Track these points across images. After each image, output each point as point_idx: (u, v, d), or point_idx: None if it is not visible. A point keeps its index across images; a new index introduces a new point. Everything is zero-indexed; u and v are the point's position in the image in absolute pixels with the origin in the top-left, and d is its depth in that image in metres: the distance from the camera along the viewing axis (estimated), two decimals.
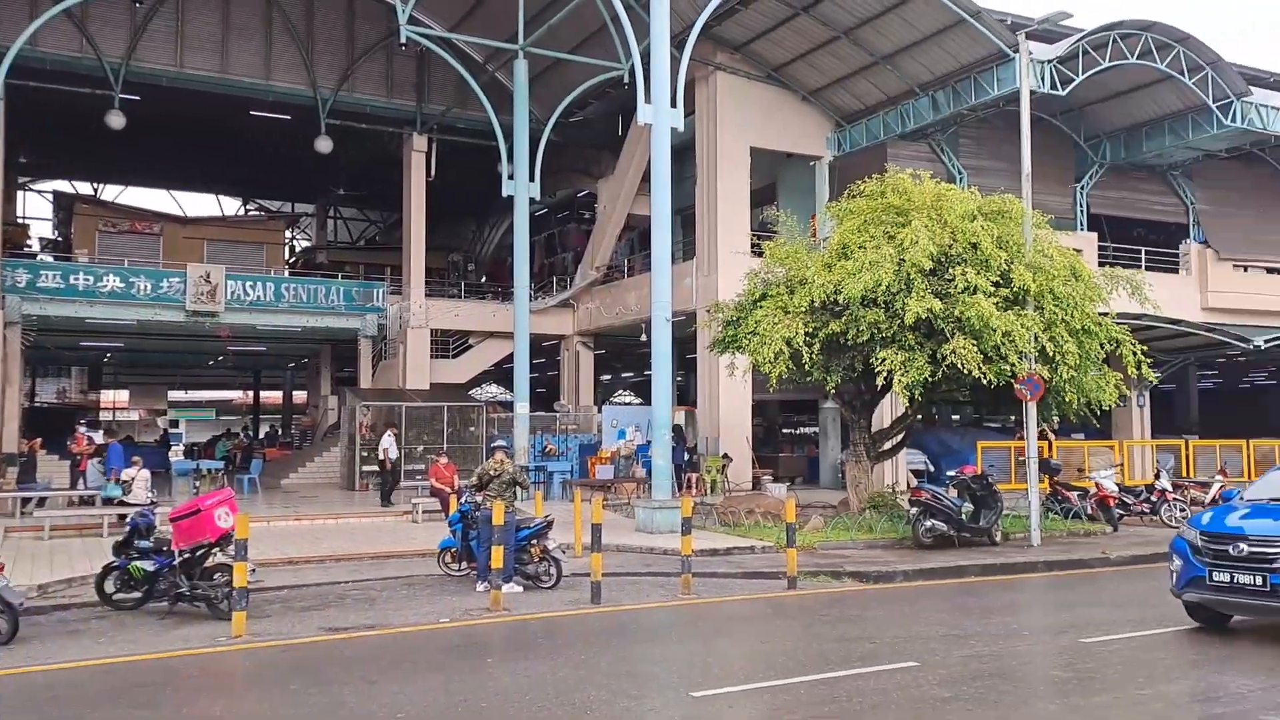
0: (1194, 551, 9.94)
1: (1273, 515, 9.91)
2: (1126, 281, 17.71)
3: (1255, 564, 9.39)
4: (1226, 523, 10.10)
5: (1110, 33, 22.88)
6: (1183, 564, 10.05)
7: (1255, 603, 9.48)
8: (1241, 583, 9.45)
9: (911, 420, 19.39)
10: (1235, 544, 9.56)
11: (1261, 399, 40.79)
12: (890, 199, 17.13)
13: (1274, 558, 9.30)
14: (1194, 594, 9.95)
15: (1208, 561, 9.75)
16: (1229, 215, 30.30)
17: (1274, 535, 9.47)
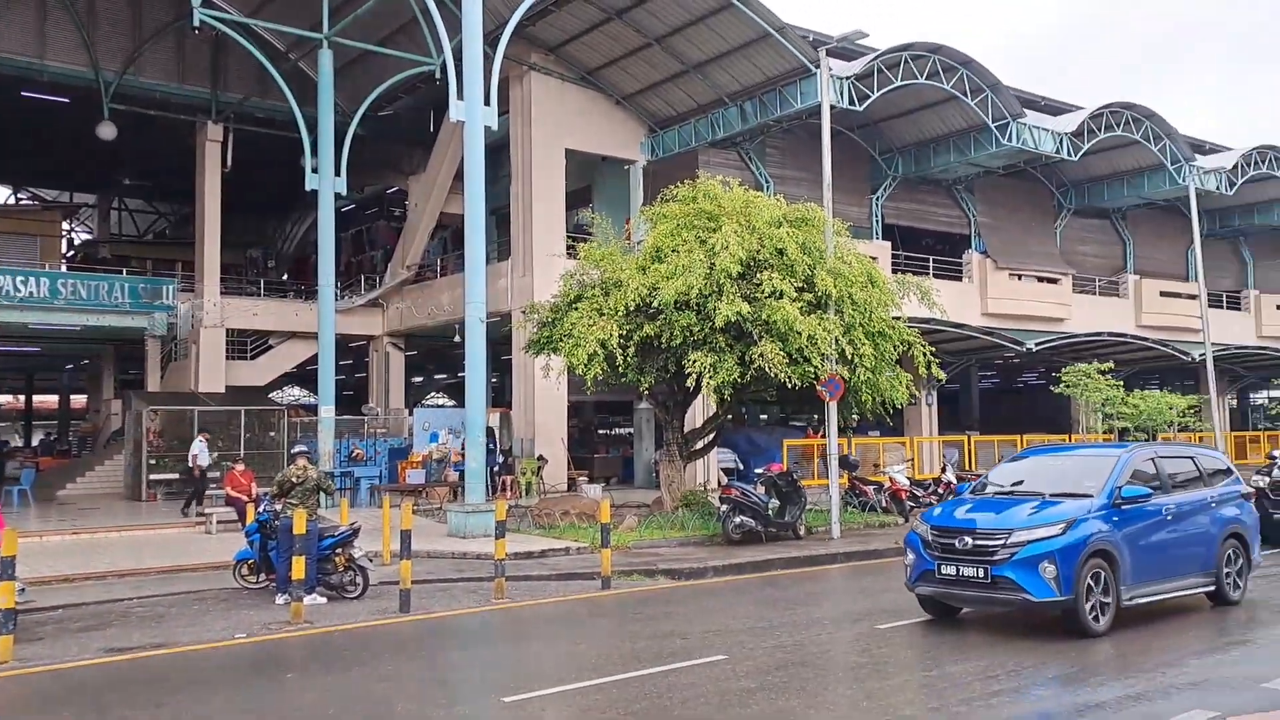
0: (924, 545, 10.10)
1: (995, 508, 10.15)
2: (917, 288, 18.78)
3: (978, 557, 9.60)
4: (955, 516, 10.29)
5: (902, 53, 24.32)
6: (915, 558, 10.19)
7: (978, 595, 9.72)
8: (966, 575, 9.64)
9: (722, 420, 19.93)
10: (961, 537, 9.74)
11: (1033, 396, 44.32)
12: (702, 204, 17.51)
13: (994, 550, 9.49)
14: (925, 587, 10.14)
15: (936, 555, 9.90)
16: (1006, 228, 32.83)
17: (996, 528, 9.66)
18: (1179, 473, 11.10)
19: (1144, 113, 30.16)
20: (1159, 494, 10.45)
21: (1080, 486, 10.19)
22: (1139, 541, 9.98)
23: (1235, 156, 33.58)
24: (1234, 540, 11.13)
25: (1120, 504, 9.91)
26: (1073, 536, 9.42)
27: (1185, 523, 10.63)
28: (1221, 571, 10.88)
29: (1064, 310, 32.69)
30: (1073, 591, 9.24)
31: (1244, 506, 11.56)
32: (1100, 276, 35.66)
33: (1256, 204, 36.74)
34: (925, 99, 26.53)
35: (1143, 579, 9.98)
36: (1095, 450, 12.54)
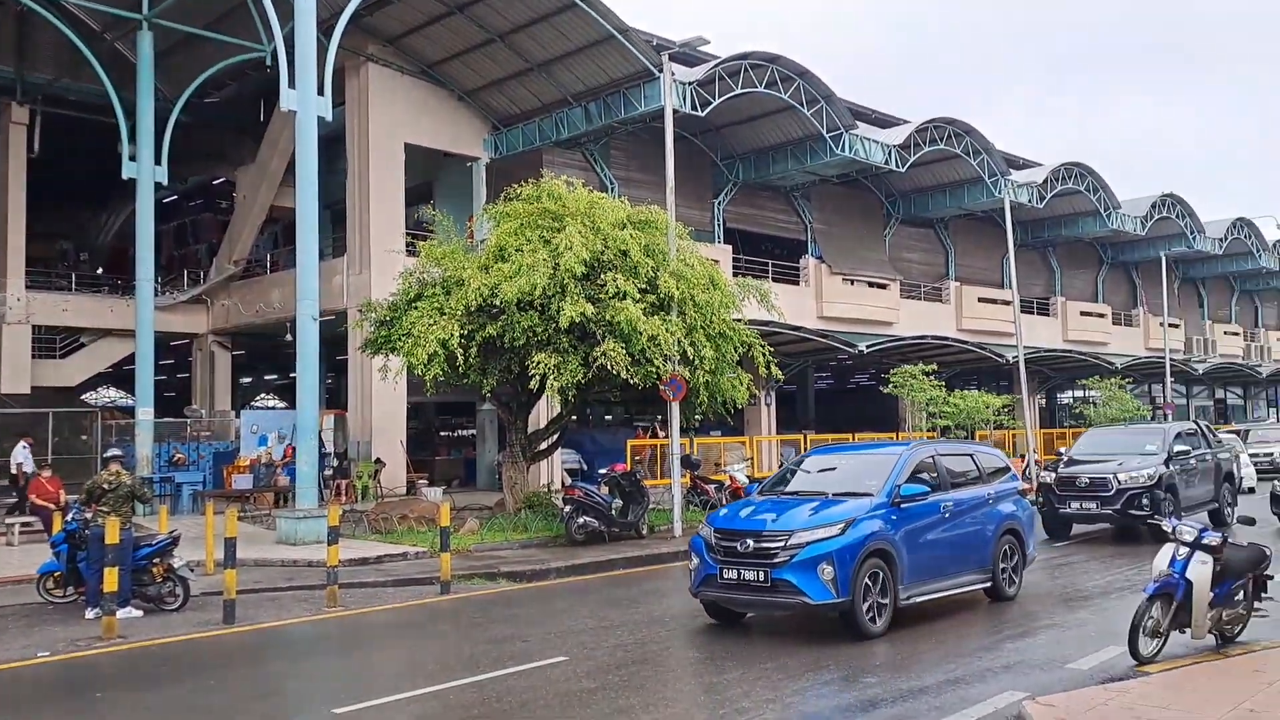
0: (708, 549, 9.81)
1: (778, 509, 9.91)
2: (756, 291, 19.24)
3: (759, 560, 9.35)
4: (739, 518, 10.05)
5: (743, 61, 24.90)
6: (699, 562, 9.89)
7: (759, 599, 9.52)
8: (747, 579, 9.39)
9: (566, 421, 19.85)
10: (743, 540, 9.49)
11: (865, 396, 46.18)
12: (546, 204, 17.37)
13: (775, 553, 9.28)
14: (709, 592, 9.85)
15: (719, 559, 9.63)
16: (840, 234, 34.12)
17: (777, 530, 9.45)
18: (959, 470, 11.20)
19: (964, 128, 31.94)
20: (938, 492, 10.50)
21: (862, 485, 10.16)
22: (917, 540, 10.00)
23: (1045, 172, 36.03)
24: (1010, 536, 11.27)
25: (899, 502, 9.87)
26: (851, 536, 9.32)
27: (963, 520, 10.72)
28: (998, 567, 11.01)
29: (893, 314, 34.23)
30: (850, 593, 9.14)
31: (1020, 503, 11.75)
32: (925, 282, 37.53)
33: (1063, 216, 39.49)
34: (764, 107, 27.24)
35: (921, 578, 10.01)
36: (879, 449, 12.44)
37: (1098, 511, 16.61)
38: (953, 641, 9.56)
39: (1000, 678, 8.07)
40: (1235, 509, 17.70)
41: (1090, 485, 16.67)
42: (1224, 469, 18.59)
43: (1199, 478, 17.58)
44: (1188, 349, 48.54)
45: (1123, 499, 16.20)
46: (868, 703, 7.48)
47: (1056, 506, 16.93)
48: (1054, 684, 7.70)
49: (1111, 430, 21.77)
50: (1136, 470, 16.36)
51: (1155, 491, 16.08)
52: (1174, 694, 7.10)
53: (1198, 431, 18.89)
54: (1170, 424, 20.70)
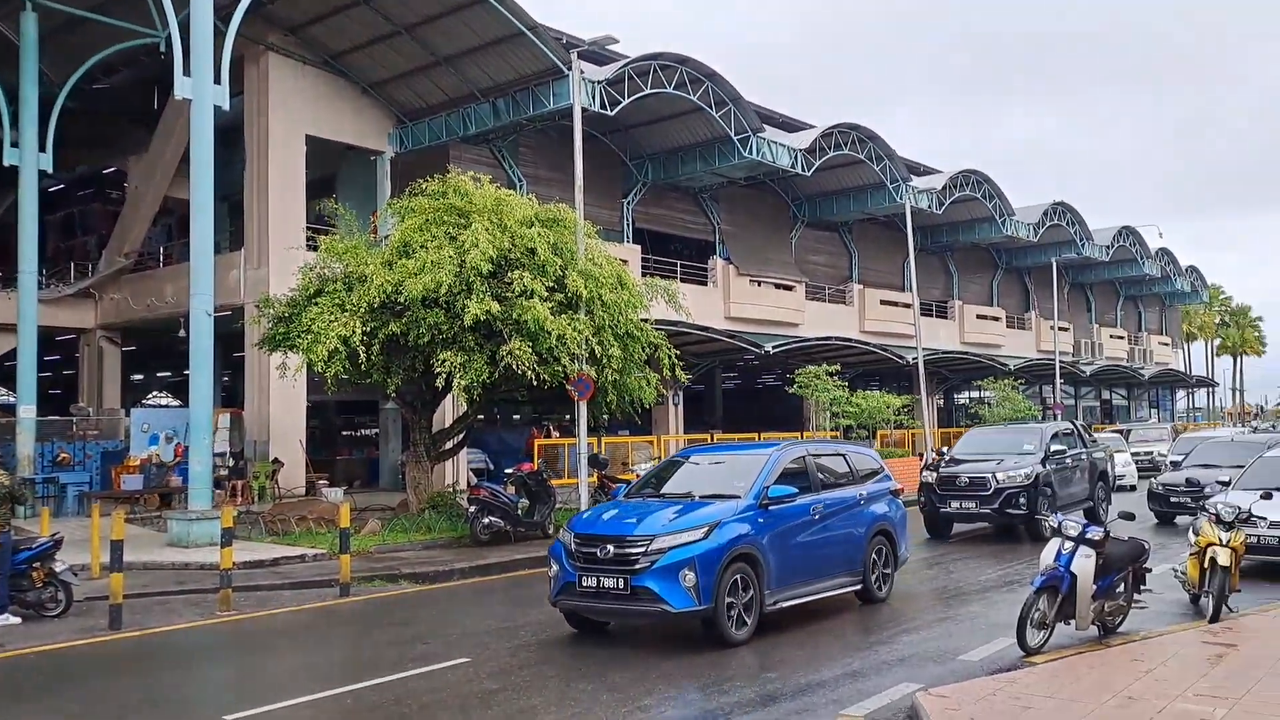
0: (567, 555, 9.35)
1: (641, 513, 9.51)
2: (664, 291, 19.28)
3: (619, 566, 8.95)
4: (601, 522, 9.63)
5: (652, 62, 25.00)
6: (558, 569, 9.41)
7: (619, 608, 9.10)
8: (607, 587, 8.96)
9: (472, 420, 19.62)
10: (603, 546, 9.08)
11: (771, 396, 46.87)
12: (452, 200, 17.13)
13: (635, 559, 8.89)
14: (567, 601, 9.39)
15: (579, 566, 9.18)
16: (747, 236, 34.54)
17: (638, 534, 9.07)
18: (831, 471, 11.05)
19: (868, 134, 32.67)
20: (808, 493, 10.31)
21: (730, 487, 9.89)
22: (786, 543, 9.76)
23: (944, 179, 37.11)
24: (882, 538, 11.18)
25: (767, 504, 9.61)
26: (715, 541, 8.99)
27: (834, 522, 10.53)
28: (869, 569, 10.91)
29: (798, 316, 34.81)
30: (713, 600, 8.81)
31: (893, 503, 11.62)
32: (830, 285, 38.27)
33: (961, 222, 40.75)
34: (674, 108, 27.39)
35: (789, 581, 9.77)
36: (749, 450, 11.79)
37: (976, 511, 16.83)
38: (852, 636, 9.76)
39: (895, 670, 8.26)
40: (1110, 506, 18.48)
41: (970, 485, 16.86)
42: (1098, 468, 19.00)
43: (1075, 477, 17.91)
44: (1076, 351, 50.59)
45: (1000, 498, 16.44)
46: (768, 697, 7.57)
47: (937, 506, 17.11)
48: (946, 676, 7.92)
49: (992, 430, 21.82)
50: (1014, 470, 16.60)
51: (1032, 490, 16.34)
52: (1058, 683, 7.36)
53: (1074, 431, 19.25)
54: (1047, 424, 20.76)
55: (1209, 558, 9.80)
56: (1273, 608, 10.16)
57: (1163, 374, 58.87)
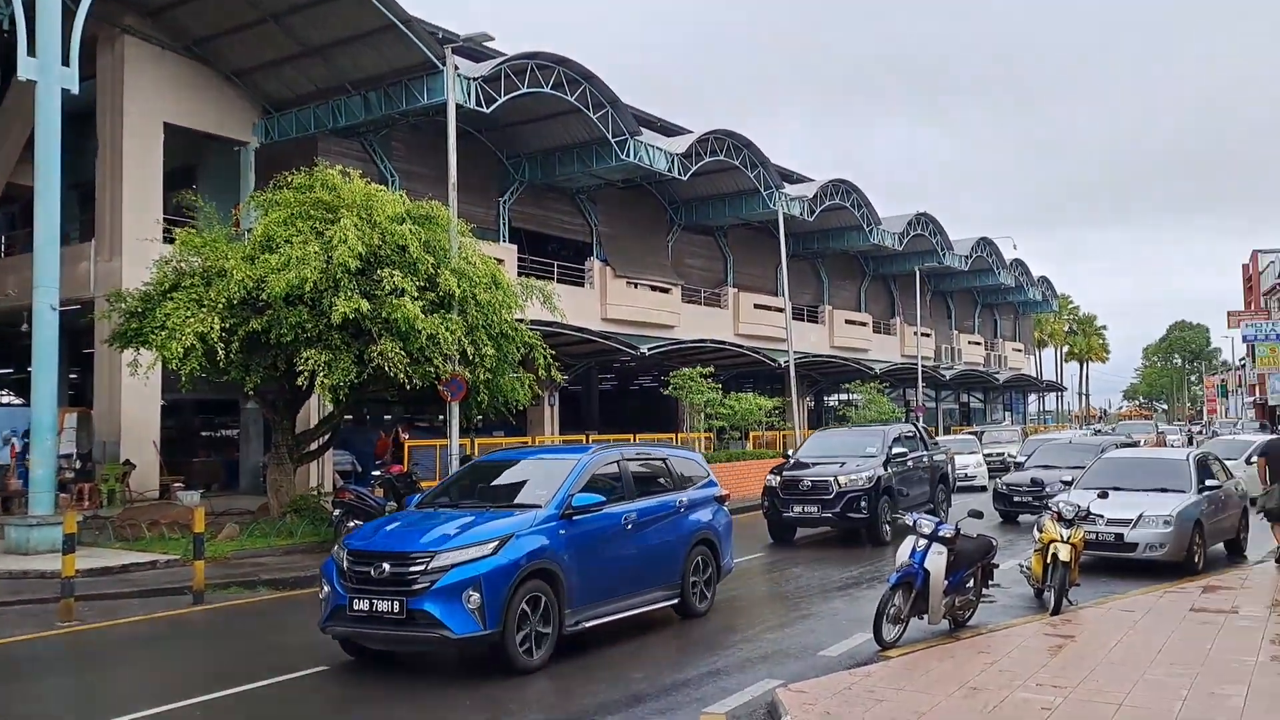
0: (339, 574, 8.34)
1: (424, 527, 8.55)
2: (539, 291, 19.17)
3: (395, 587, 7.96)
4: (379, 536, 8.65)
5: (529, 61, 24.84)
6: (329, 590, 8.38)
7: (394, 634, 8.03)
8: (380, 611, 7.94)
9: (338, 421, 19.10)
10: (377, 564, 8.07)
11: (648, 398, 47.21)
12: (320, 194, 16.63)
13: (414, 578, 7.93)
14: (338, 627, 8.31)
15: (351, 587, 8.16)
16: (624, 238, 34.69)
17: (418, 550, 8.11)
18: (648, 477, 10.42)
19: (743, 141, 33.27)
20: (621, 501, 9.63)
21: (533, 496, 9.14)
22: (593, 556, 8.98)
23: (815, 187, 38.13)
24: (703, 548, 10.55)
25: (571, 514, 8.82)
26: (506, 556, 8.11)
27: (649, 532, 9.81)
28: (688, 582, 10.25)
29: (674, 318, 35.14)
30: (500, 623, 7.91)
31: (717, 511, 11.05)
32: (706, 288, 38.79)
33: (831, 230, 41.93)
34: (551, 108, 27.27)
35: (596, 598, 9.00)
36: (558, 454, 10.76)
37: (819, 515, 16.56)
38: (717, 635, 9.88)
39: (758, 667, 8.41)
40: (949, 508, 18.54)
41: (812, 488, 16.60)
42: (939, 471, 19.10)
43: (916, 479, 17.93)
44: (938, 356, 52.70)
45: (842, 502, 16.25)
46: (634, 698, 7.60)
47: (780, 511, 16.84)
48: (807, 671, 8.10)
49: (836, 432, 21.26)
50: (856, 473, 16.46)
51: (873, 493, 16.28)
52: (909, 676, 7.64)
53: (915, 434, 19.30)
54: (890, 427, 20.22)
55: (1051, 554, 10.33)
56: (1108, 600, 10.78)
57: (1016, 379, 61.88)
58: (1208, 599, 10.74)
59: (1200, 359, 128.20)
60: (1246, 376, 72.18)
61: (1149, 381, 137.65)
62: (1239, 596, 10.94)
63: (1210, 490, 13.58)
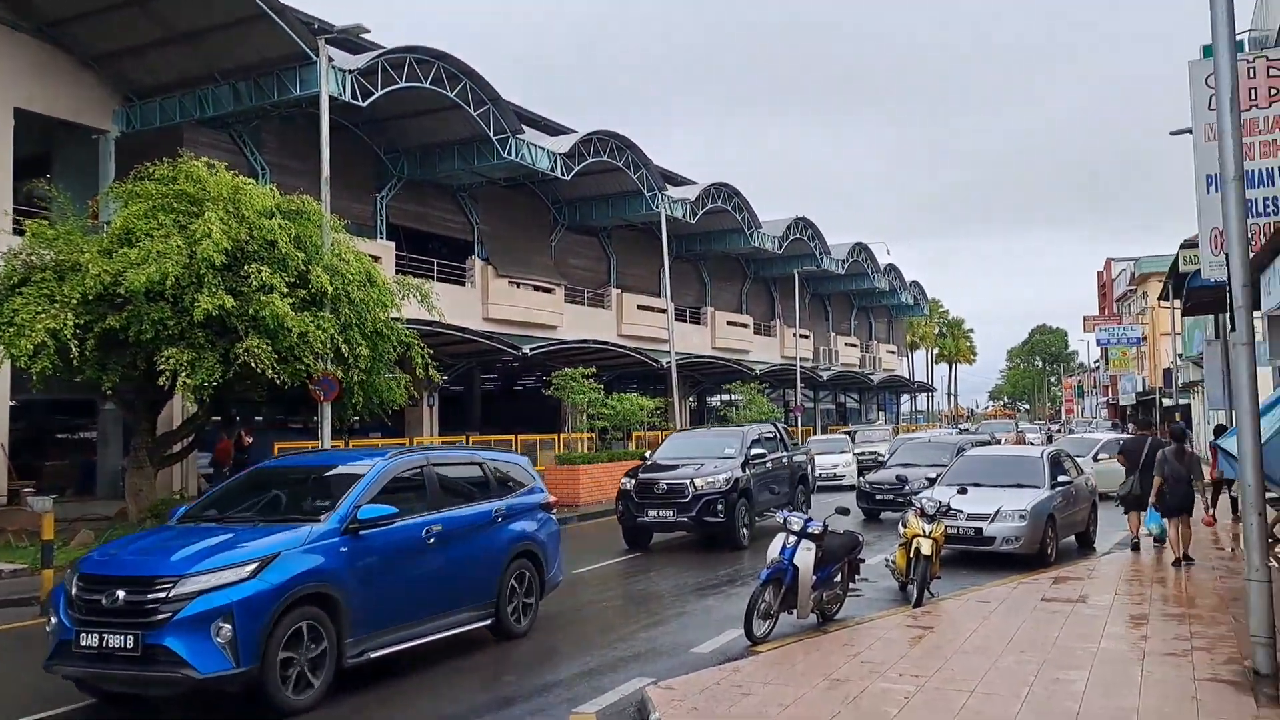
0: (68, 603, 7.09)
1: (175, 544, 7.40)
2: (417, 290, 18.87)
3: (131, 618, 6.77)
4: (121, 557, 7.42)
5: (407, 55, 24.40)
6: (56, 622, 7.13)
7: (129, 673, 6.81)
8: (112, 646, 6.74)
9: (203, 422, 18.39)
10: (111, 591, 6.89)
11: (531, 399, 46.96)
12: (184, 186, 16.00)
13: (153, 607, 6.76)
14: (64, 667, 7.03)
15: (79, 618, 6.93)
16: (507, 237, 34.41)
17: (162, 575, 6.91)
18: (461, 484, 9.46)
19: (626, 143, 33.43)
20: (422, 511, 8.57)
21: (313, 508, 8.11)
22: (384, 576, 7.95)
23: (698, 190, 38.61)
24: (525, 560, 9.68)
25: (357, 529, 7.75)
26: (268, 580, 7.00)
27: (459, 545, 8.79)
28: (505, 599, 9.34)
29: (557, 318, 35.06)
30: (258, 658, 6.84)
31: (543, 520, 10.20)
32: (589, 289, 38.83)
33: (713, 232, 42.53)
34: (431, 104, 26.84)
35: (388, 623, 7.96)
36: (352, 460, 9.23)
37: (674, 519, 15.92)
38: (593, 635, 9.89)
39: (631, 666, 8.46)
40: (809, 509, 17.88)
41: (668, 492, 15.94)
42: (798, 472, 18.83)
43: (775, 480, 17.59)
44: (816, 358, 54.07)
45: (699, 505, 15.64)
46: (504, 700, 7.55)
47: (635, 515, 16.14)
48: (678, 668, 8.19)
49: (695, 433, 20.37)
50: (712, 475, 15.91)
51: (731, 496, 15.76)
52: (776, 670, 7.79)
53: (775, 434, 18.86)
54: (749, 427, 19.35)
55: (914, 548, 10.70)
56: (966, 592, 11.23)
57: (889, 379, 64.02)
58: (1058, 589, 11.30)
59: (1059, 361, 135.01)
60: (1101, 378, 76.45)
61: (1013, 382, 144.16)
62: (1086, 586, 11.55)
63: (1062, 486, 14.30)
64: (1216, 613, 9.81)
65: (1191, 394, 42.15)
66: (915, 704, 6.77)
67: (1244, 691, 6.92)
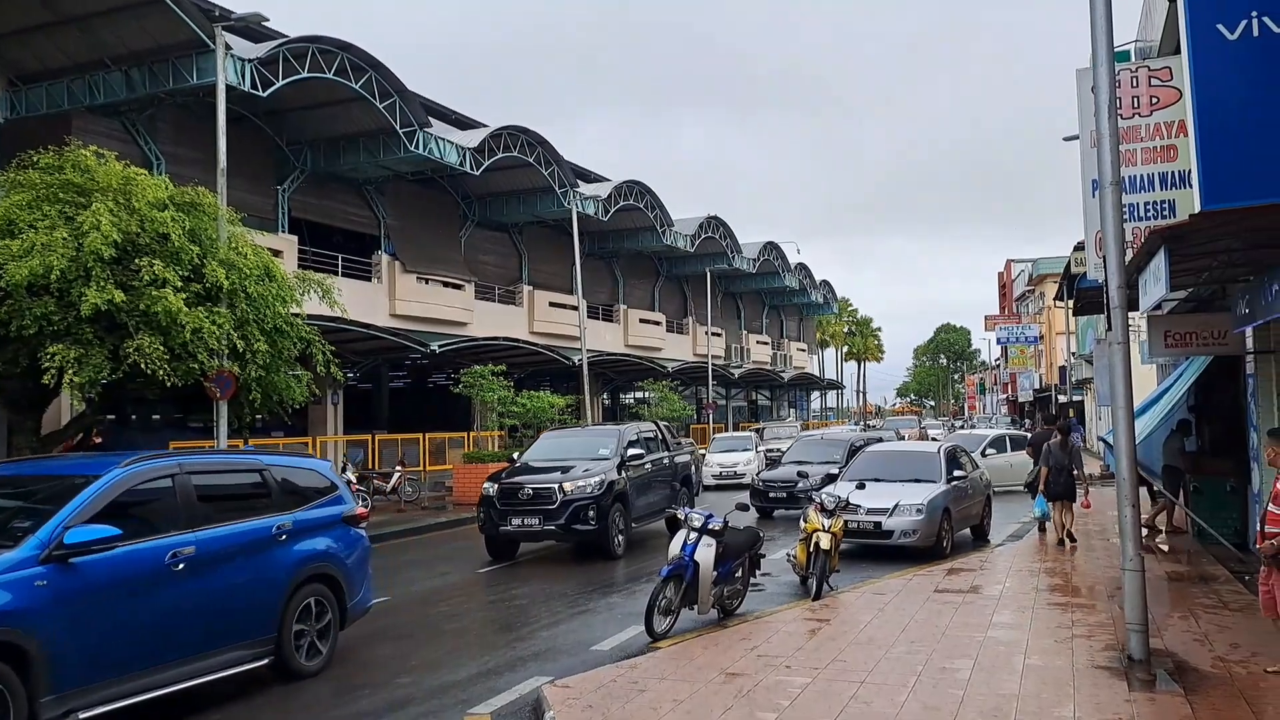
0: None
1: None
2: (318, 285, 18.42)
3: None
4: None
5: (310, 45, 23.82)
6: None
7: None
8: None
9: (93, 421, 17.68)
10: None
11: (442, 397, 46.40)
12: (70, 175, 15.34)
13: None
14: None
15: None
16: (415, 232, 33.88)
17: None
18: (229, 495, 8.00)
19: (537, 139, 33.25)
20: (168, 531, 7.09)
21: (7, 533, 6.49)
22: (104, 613, 6.46)
23: (610, 187, 38.62)
24: (319, 585, 8.28)
25: (65, 555, 6.29)
26: None
27: (222, 570, 7.36)
28: (289, 632, 7.91)
29: (467, 315, 34.67)
30: None
31: (345, 536, 8.78)
32: (500, 285, 38.51)
33: (626, 230, 42.60)
34: (335, 95, 26.25)
35: (109, 674, 6.46)
36: (75, 470, 7.47)
37: (541, 528, 14.38)
38: (491, 635, 9.81)
39: (529, 665, 8.42)
40: None
41: (534, 497, 14.42)
42: (681, 473, 17.58)
43: (655, 483, 16.42)
44: (728, 355, 54.61)
45: (568, 512, 14.21)
46: (396, 703, 7.43)
47: (497, 523, 14.58)
48: (578, 666, 8.18)
49: (568, 433, 18.54)
50: (584, 479, 14.51)
51: (604, 501, 14.41)
52: (674, 665, 7.84)
53: (657, 434, 17.58)
54: (626, 425, 17.87)
55: (814, 542, 10.89)
56: (864, 584, 11.47)
57: (800, 377, 65.02)
58: (950, 580, 11.63)
59: (963, 359, 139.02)
60: (1001, 375, 78.93)
61: (919, 380, 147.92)
62: (978, 577, 11.91)
63: (958, 480, 14.72)
64: (1099, 602, 10.21)
65: (1085, 390, 43.87)
66: (807, 695, 6.88)
67: (1119, 677, 7.21)
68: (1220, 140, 6.89)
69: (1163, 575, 11.84)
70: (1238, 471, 13.54)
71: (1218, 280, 11.53)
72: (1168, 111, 11.78)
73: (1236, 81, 6.91)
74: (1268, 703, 6.55)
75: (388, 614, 10.59)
